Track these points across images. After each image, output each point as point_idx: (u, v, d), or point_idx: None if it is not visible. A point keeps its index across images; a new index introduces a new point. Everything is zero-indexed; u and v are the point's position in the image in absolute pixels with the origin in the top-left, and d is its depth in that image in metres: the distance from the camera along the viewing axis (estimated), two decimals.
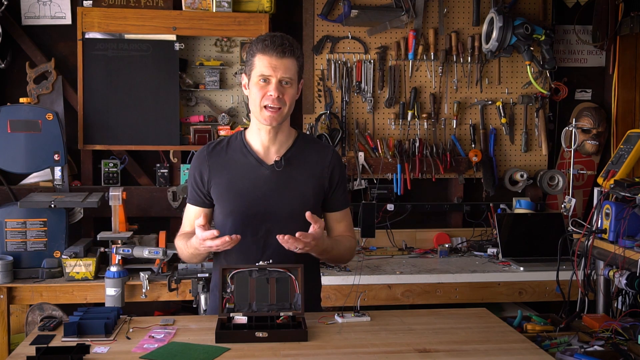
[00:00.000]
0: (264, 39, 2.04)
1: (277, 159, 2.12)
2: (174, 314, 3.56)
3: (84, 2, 3.53)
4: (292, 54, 2.03)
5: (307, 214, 1.93)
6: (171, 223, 3.72)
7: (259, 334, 1.85)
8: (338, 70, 3.83)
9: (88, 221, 3.58)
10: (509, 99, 3.98)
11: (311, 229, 1.94)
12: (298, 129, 3.78)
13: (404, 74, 3.89)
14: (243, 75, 2.12)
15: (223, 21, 3.58)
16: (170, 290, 3.13)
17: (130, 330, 1.96)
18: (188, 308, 3.49)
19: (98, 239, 3.15)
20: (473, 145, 3.93)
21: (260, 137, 2.13)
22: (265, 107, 2.04)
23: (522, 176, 3.92)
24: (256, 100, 2.05)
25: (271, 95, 2.02)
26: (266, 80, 2.03)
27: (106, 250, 3.11)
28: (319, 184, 2.15)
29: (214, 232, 1.92)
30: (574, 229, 2.79)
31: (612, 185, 2.57)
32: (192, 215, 2.19)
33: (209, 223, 2.17)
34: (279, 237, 1.92)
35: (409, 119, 3.87)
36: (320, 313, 2.14)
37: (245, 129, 2.21)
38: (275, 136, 2.13)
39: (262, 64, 2.02)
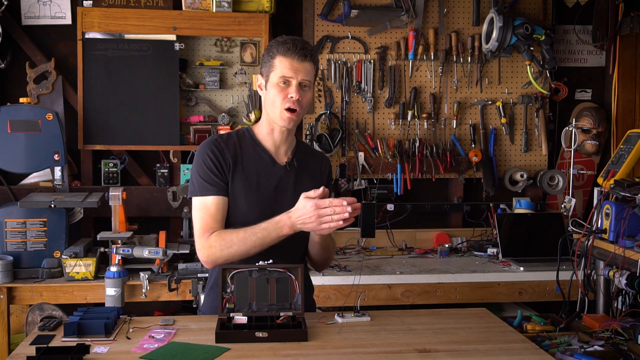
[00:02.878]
0: (286, 41, 2.05)
1: (288, 160, 2.15)
2: (174, 314, 3.56)
3: (84, 2, 3.53)
4: (312, 58, 2.07)
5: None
6: (171, 223, 3.72)
7: (259, 334, 1.85)
8: (338, 70, 3.83)
9: (88, 221, 3.58)
10: (509, 99, 3.98)
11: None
12: (298, 129, 3.80)
13: (404, 74, 3.89)
14: (259, 76, 2.13)
15: (223, 21, 3.58)
16: (170, 290, 3.13)
17: (130, 330, 1.96)
18: (188, 308, 3.49)
19: (98, 239, 3.15)
20: (473, 145, 3.93)
21: (273, 137, 2.14)
22: (286, 109, 2.05)
23: (522, 176, 3.92)
24: (276, 102, 2.05)
25: (292, 97, 2.03)
26: (287, 82, 2.04)
27: (106, 250, 3.11)
28: (318, 187, 2.16)
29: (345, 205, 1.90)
30: (574, 229, 2.79)
31: (612, 185, 2.57)
32: (215, 207, 2.06)
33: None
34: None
35: (409, 119, 3.87)
36: (320, 313, 2.14)
37: (251, 126, 2.20)
38: (287, 137, 2.16)
39: (283, 65, 2.03)
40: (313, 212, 1.91)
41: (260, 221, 2.02)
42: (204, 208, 2.07)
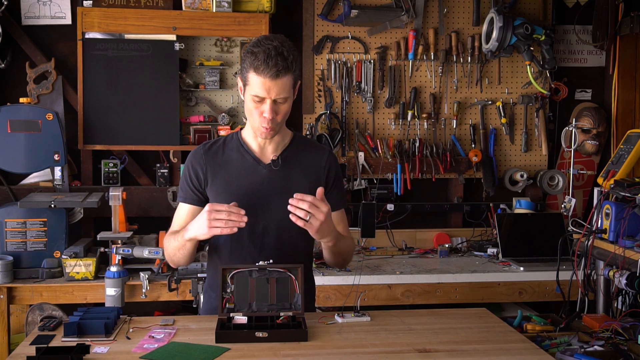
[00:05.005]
0: (257, 55, 1.93)
1: (274, 158, 2.12)
2: (174, 314, 3.56)
3: (84, 2, 3.53)
4: (286, 72, 1.94)
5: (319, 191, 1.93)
6: (171, 223, 3.72)
7: (259, 334, 1.85)
8: (338, 70, 3.83)
9: (88, 221, 3.58)
10: (509, 99, 3.98)
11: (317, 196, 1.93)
12: (298, 129, 3.81)
13: (404, 74, 3.89)
14: (239, 78, 2.08)
15: (223, 21, 3.58)
16: (170, 290, 3.13)
17: (130, 330, 1.96)
18: (188, 308, 3.49)
19: (98, 239, 3.15)
20: (473, 145, 3.94)
21: (257, 139, 2.13)
22: (262, 125, 2.02)
23: (522, 176, 3.92)
24: (252, 115, 2.03)
25: (265, 117, 1.99)
26: (260, 100, 1.98)
27: (106, 250, 3.12)
28: (315, 185, 2.14)
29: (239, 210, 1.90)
30: (574, 229, 2.79)
31: (612, 185, 2.57)
32: (185, 214, 2.15)
33: None
34: (291, 200, 1.91)
35: (409, 119, 3.87)
36: (320, 313, 2.14)
37: (242, 128, 2.21)
38: (273, 138, 2.13)
39: (255, 83, 1.95)
40: (206, 213, 1.91)
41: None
42: (177, 212, 2.19)
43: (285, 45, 1.96)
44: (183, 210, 2.17)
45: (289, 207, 1.90)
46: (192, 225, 1.98)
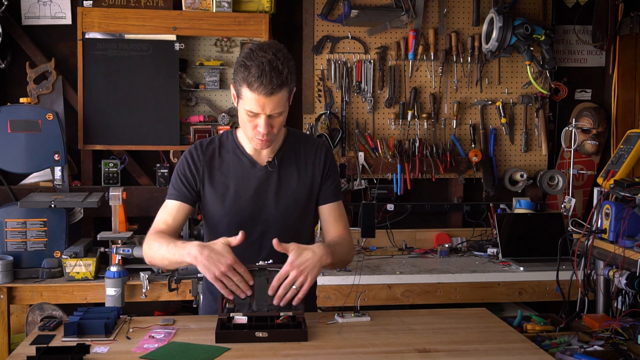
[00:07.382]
0: (250, 70, 1.86)
1: (269, 160, 2.10)
2: (174, 314, 3.56)
3: (84, 2, 3.53)
4: (281, 87, 1.88)
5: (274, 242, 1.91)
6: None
7: (259, 334, 1.85)
8: (338, 70, 3.83)
9: (88, 221, 3.58)
10: (509, 99, 3.98)
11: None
12: (298, 129, 3.80)
13: (404, 74, 3.89)
14: (232, 86, 2.01)
15: (223, 21, 3.58)
16: (170, 290, 3.13)
17: (130, 330, 1.96)
18: (188, 308, 3.49)
19: (98, 239, 3.15)
20: (473, 145, 3.94)
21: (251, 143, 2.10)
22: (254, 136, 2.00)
23: (522, 176, 3.92)
24: (246, 128, 2.00)
25: (260, 131, 1.95)
26: (255, 115, 1.94)
27: (106, 250, 3.11)
28: (311, 181, 2.14)
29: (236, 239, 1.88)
30: (574, 229, 2.80)
31: (612, 185, 2.57)
32: (175, 210, 2.08)
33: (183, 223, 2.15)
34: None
35: (409, 119, 3.87)
36: (320, 313, 2.14)
37: (236, 128, 2.17)
38: (267, 148, 2.10)
39: (249, 99, 1.90)
40: (223, 265, 1.84)
41: (238, 224, 2.05)
42: (163, 209, 2.10)
43: (279, 56, 1.89)
44: (171, 207, 2.09)
45: (277, 302, 1.90)
46: (195, 253, 1.85)
